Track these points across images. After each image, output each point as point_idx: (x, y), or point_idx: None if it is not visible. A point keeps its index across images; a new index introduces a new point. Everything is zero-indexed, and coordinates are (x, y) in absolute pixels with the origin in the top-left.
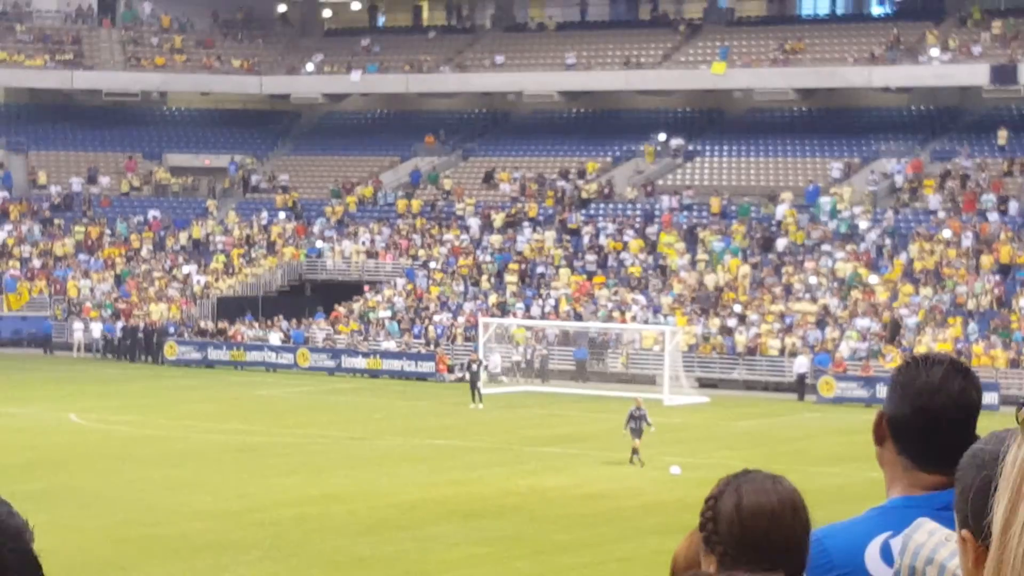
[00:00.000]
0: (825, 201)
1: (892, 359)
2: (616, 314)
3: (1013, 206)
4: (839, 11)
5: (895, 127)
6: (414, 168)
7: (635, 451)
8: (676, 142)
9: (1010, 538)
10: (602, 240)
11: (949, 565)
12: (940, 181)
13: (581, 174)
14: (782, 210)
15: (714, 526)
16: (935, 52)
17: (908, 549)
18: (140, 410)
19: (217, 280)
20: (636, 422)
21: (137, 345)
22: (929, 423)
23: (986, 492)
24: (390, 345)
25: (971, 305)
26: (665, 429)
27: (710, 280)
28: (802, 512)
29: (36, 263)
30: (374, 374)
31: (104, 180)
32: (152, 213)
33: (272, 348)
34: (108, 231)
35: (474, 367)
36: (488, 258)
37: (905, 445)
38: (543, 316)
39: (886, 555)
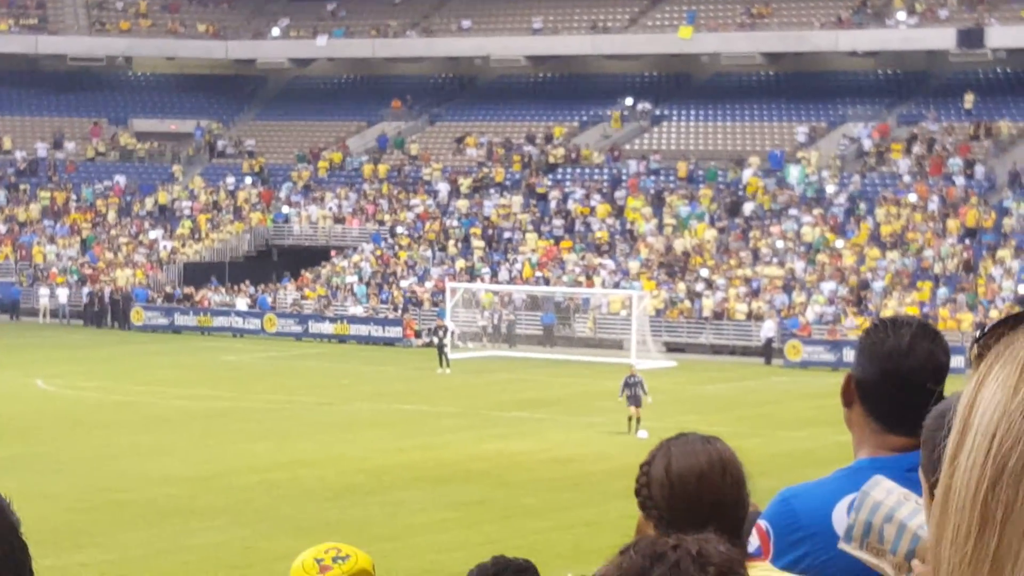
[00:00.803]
0: (793, 167)
1: (856, 325)
2: (583, 279)
3: (979, 170)
4: None
5: (862, 91)
6: (381, 133)
7: (635, 419)
8: (643, 106)
9: (956, 467)
10: (569, 205)
11: (910, 524)
12: (907, 145)
13: (548, 139)
14: (748, 174)
15: (648, 491)
16: (902, 16)
17: (865, 505)
18: (107, 376)
19: (184, 246)
20: (631, 389)
21: (104, 311)
22: (897, 386)
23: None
24: (357, 310)
25: (937, 269)
26: None
27: (677, 244)
28: (733, 471)
29: (1, 228)
30: (341, 339)
31: (70, 145)
32: (118, 178)
33: (239, 313)
34: (74, 196)
35: (440, 332)
36: (455, 223)
37: (873, 407)
38: (510, 281)
39: None
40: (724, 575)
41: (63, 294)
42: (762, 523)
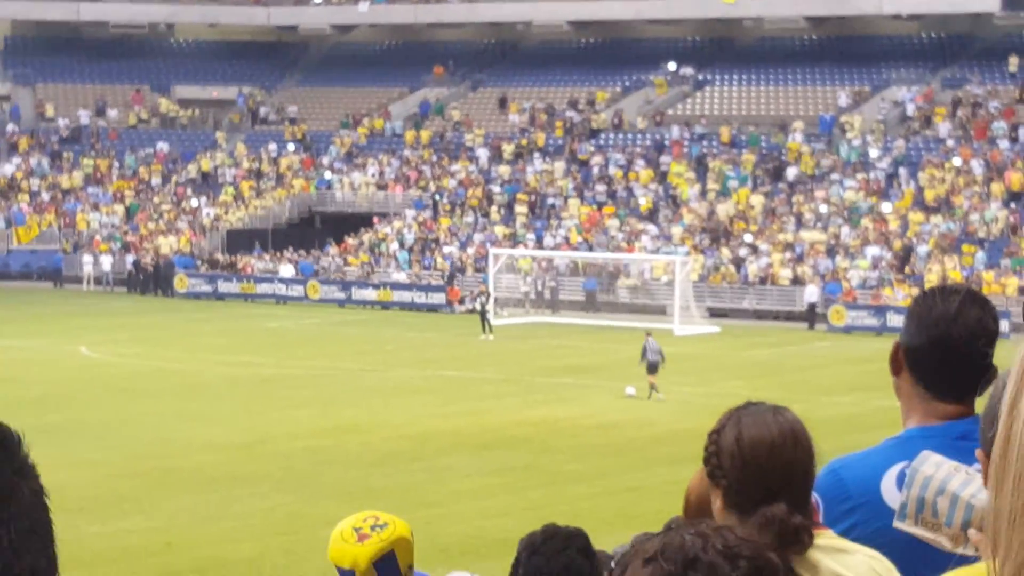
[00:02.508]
0: (836, 132)
1: (903, 295)
2: (626, 245)
3: None
4: None
5: (906, 55)
6: (423, 99)
7: (653, 387)
8: (686, 71)
9: (1016, 416)
10: (611, 170)
11: (963, 495)
12: (951, 109)
13: (591, 104)
14: (792, 139)
15: (717, 460)
16: None
17: (916, 481)
18: (151, 343)
19: (226, 213)
20: (650, 355)
21: (147, 279)
22: (946, 353)
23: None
24: (400, 277)
25: (982, 233)
26: (676, 359)
27: (721, 210)
28: (803, 442)
29: (45, 196)
30: (384, 306)
31: (112, 113)
32: (160, 145)
33: (282, 280)
34: (116, 164)
35: (483, 298)
36: (497, 189)
37: (922, 375)
38: (554, 247)
39: (902, 485)
40: (759, 569)
41: (107, 262)
42: (812, 493)
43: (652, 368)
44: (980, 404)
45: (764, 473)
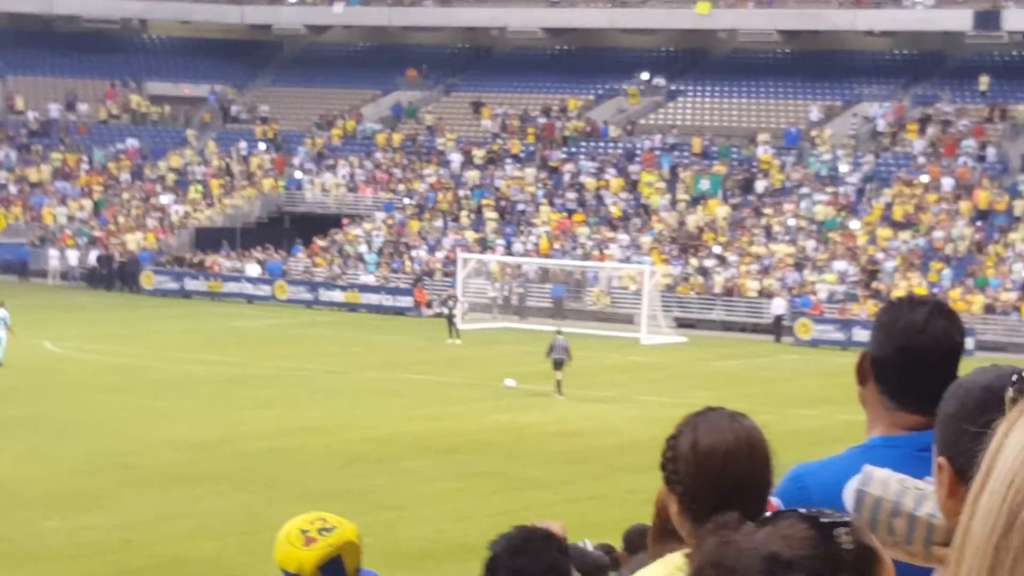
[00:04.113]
0: (807, 146)
1: (867, 313)
2: (596, 252)
3: (993, 152)
4: None
5: (878, 71)
6: (395, 102)
7: (559, 384)
8: (659, 81)
9: (976, 509)
10: (583, 178)
11: (920, 514)
12: (921, 126)
13: (563, 111)
14: (762, 152)
15: (673, 466)
16: None
17: (865, 505)
18: (116, 339)
19: (196, 210)
20: (556, 352)
21: (113, 274)
22: (912, 363)
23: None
24: (368, 279)
25: (949, 250)
26: (642, 368)
27: (690, 220)
28: (760, 451)
29: (12, 189)
30: (352, 308)
31: (82, 107)
32: (131, 141)
33: (250, 280)
34: (85, 159)
35: (451, 302)
36: (468, 194)
37: (887, 385)
38: (523, 254)
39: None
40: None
41: (73, 256)
42: (774, 500)
43: (557, 365)
44: None
45: (718, 480)
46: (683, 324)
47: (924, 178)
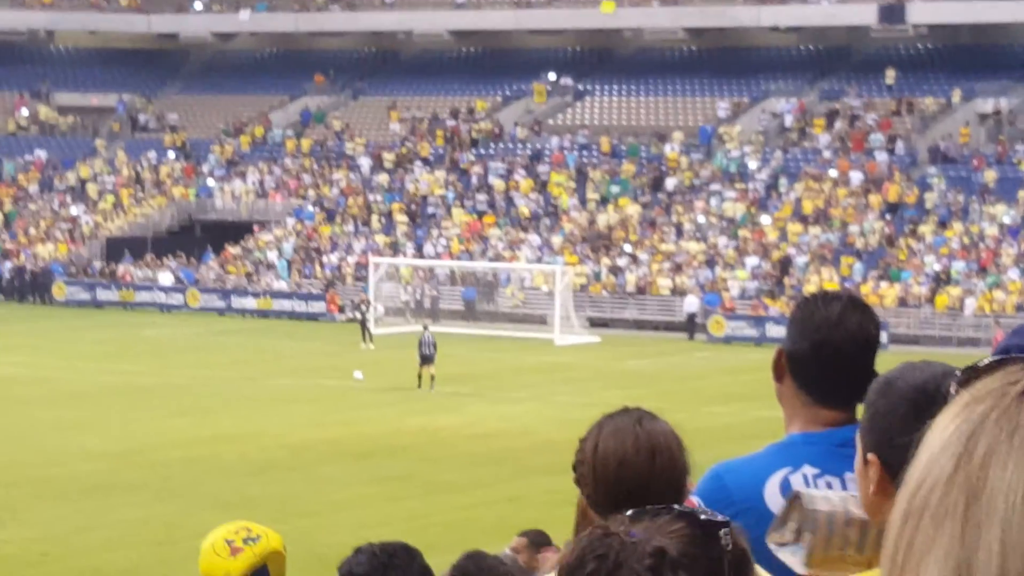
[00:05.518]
0: (715, 143)
1: (779, 311)
2: (507, 254)
3: (901, 146)
4: None
5: (784, 66)
6: (304, 108)
7: (431, 377)
8: (566, 81)
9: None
10: (492, 180)
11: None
12: (828, 121)
13: (471, 113)
14: (670, 150)
15: (581, 468)
16: None
17: (820, 521)
18: (28, 351)
19: (106, 220)
20: (424, 349)
21: (25, 286)
22: (827, 358)
23: (895, 417)
24: (280, 285)
25: (860, 244)
26: (556, 368)
27: (600, 220)
28: (664, 456)
29: None
30: (264, 314)
31: None
32: (39, 153)
33: (162, 288)
34: None
35: (364, 307)
36: (378, 198)
37: (804, 381)
38: (435, 256)
39: (785, 491)
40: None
41: None
42: (694, 499)
43: (425, 360)
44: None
45: (615, 485)
46: (596, 324)
47: (833, 172)
